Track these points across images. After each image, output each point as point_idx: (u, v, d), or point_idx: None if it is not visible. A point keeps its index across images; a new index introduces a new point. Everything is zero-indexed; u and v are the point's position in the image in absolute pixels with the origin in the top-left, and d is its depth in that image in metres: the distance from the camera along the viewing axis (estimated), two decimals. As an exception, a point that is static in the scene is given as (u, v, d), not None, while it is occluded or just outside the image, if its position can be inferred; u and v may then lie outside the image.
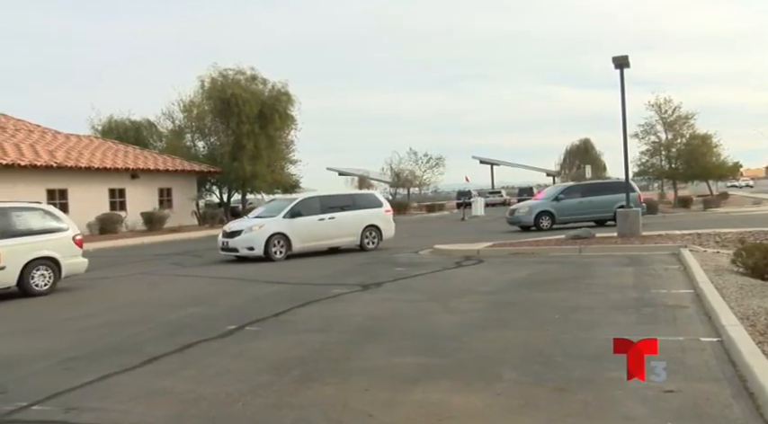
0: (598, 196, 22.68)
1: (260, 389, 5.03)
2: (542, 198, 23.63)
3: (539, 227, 21.54)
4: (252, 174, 35.87)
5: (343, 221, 16.67)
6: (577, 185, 24.05)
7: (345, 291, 10.00)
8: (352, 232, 16.82)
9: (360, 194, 19.23)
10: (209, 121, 37.57)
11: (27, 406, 4.83)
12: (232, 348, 6.55)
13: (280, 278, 12.07)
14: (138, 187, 30.53)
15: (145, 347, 6.61)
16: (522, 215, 22.35)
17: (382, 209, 17.83)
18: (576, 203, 22.42)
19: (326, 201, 17.10)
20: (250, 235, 15.50)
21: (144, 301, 10.23)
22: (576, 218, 21.95)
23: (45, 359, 6.35)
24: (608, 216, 22.20)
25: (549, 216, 21.98)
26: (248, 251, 15.33)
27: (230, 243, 15.72)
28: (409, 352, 6.09)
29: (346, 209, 16.91)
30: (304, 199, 17.05)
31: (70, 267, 11.58)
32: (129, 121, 42.02)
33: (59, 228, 11.60)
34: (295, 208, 16.16)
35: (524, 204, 24.18)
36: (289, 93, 37.50)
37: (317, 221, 16.22)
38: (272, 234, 15.45)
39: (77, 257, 11.76)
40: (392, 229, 17.95)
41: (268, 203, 18.80)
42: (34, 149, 27.85)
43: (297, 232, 15.76)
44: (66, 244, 11.54)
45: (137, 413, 4.58)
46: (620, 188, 23.55)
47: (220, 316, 8.29)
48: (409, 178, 49.93)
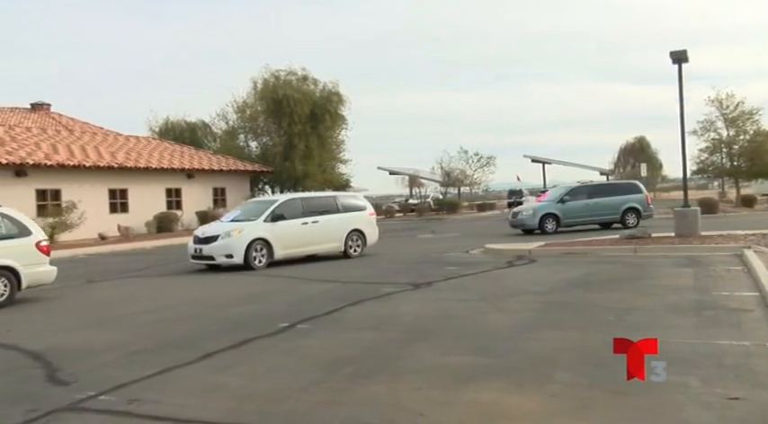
0: (605, 197, 21.68)
1: (312, 386, 5.10)
2: (546, 200, 22.59)
3: (543, 230, 20.62)
4: (303, 174, 36.34)
5: (327, 225, 15.33)
6: (583, 186, 23.03)
7: (396, 290, 10.01)
8: (337, 237, 15.53)
9: (342, 195, 17.66)
10: (261, 122, 38.25)
11: (95, 396, 5.02)
12: (284, 346, 6.65)
13: (330, 276, 12.17)
14: (193, 186, 31.30)
15: (201, 342, 6.76)
16: (526, 217, 21.38)
17: (366, 212, 16.61)
18: (582, 205, 21.42)
19: (309, 203, 15.69)
20: (228, 241, 13.91)
21: (200, 298, 10.46)
22: (581, 221, 21.26)
23: (111, 352, 6.59)
24: (615, 219, 21.57)
25: (553, 219, 20.91)
26: (226, 259, 13.83)
27: (205, 250, 14.07)
28: (461, 352, 6.06)
29: (329, 212, 15.63)
30: (286, 201, 15.45)
31: (33, 276, 10.48)
32: (185, 123, 43.20)
33: (19, 234, 10.49)
34: (277, 211, 14.66)
35: (528, 206, 23.04)
36: (339, 93, 37.87)
37: (300, 225, 14.88)
38: (253, 239, 13.97)
39: (43, 265, 10.65)
40: (376, 234, 16.63)
41: (244, 205, 17.32)
42: (98, 151, 28.91)
43: (279, 237, 14.35)
44: (27, 252, 10.40)
45: (193, 407, 4.69)
46: (628, 189, 22.82)
47: (273, 314, 8.42)
48: (460, 177, 49.61)
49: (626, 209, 21.46)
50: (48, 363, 6.20)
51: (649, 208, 22.29)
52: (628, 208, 21.50)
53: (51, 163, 24.89)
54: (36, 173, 24.38)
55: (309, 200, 15.97)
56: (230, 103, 39.50)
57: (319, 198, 16.83)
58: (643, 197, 22.25)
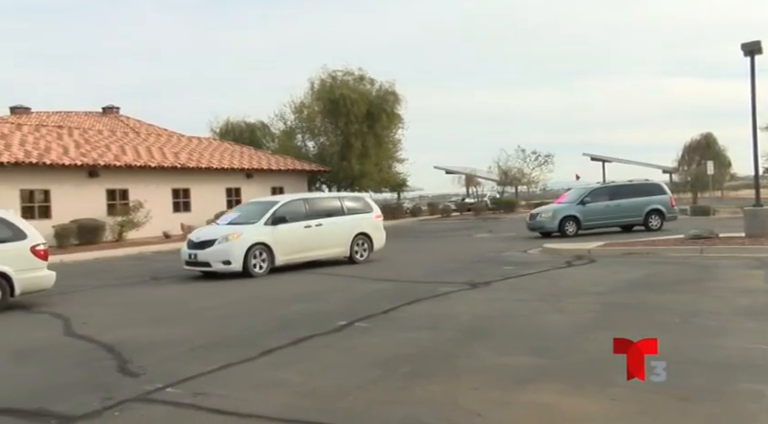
0: (627, 199, 20.83)
1: (370, 384, 5.15)
2: (566, 202, 21.65)
3: (563, 233, 19.85)
4: (360, 173, 36.59)
5: (332, 229, 14.44)
6: (604, 187, 22.06)
7: (453, 289, 9.98)
8: (342, 241, 14.62)
9: (348, 197, 16.59)
10: (318, 122, 38.68)
11: (162, 388, 5.21)
12: (342, 343, 6.73)
13: (388, 275, 12.22)
14: (252, 186, 31.95)
15: (260, 339, 6.91)
16: (546, 220, 20.51)
17: (372, 215, 15.67)
18: (603, 207, 20.60)
19: (312, 205, 14.67)
20: (226, 246, 12.85)
21: (261, 295, 10.69)
22: (602, 223, 20.51)
23: (176, 346, 6.82)
24: (637, 221, 20.72)
25: (574, 221, 20.18)
26: (223, 266, 12.78)
27: (200, 256, 13.04)
28: (519, 352, 6.00)
29: (334, 215, 14.75)
30: (288, 202, 14.34)
31: (28, 282, 9.96)
32: (245, 123, 44.19)
33: (13, 237, 9.99)
34: (278, 213, 13.63)
35: (547, 208, 21.99)
36: (396, 93, 37.94)
37: (303, 229, 13.87)
38: (253, 244, 12.95)
39: (39, 270, 10.18)
40: (383, 238, 15.73)
41: (241, 206, 16.22)
42: (162, 152, 29.89)
43: (281, 241, 13.34)
44: (21, 256, 9.87)
45: (255, 401, 4.80)
46: (651, 190, 21.68)
47: (331, 312, 8.53)
48: (517, 176, 48.95)
49: (649, 211, 20.71)
50: (119, 355, 6.47)
51: (673, 210, 21.54)
52: (651, 210, 20.74)
53: (120, 164, 25.90)
54: (106, 174, 25.41)
55: (313, 202, 14.98)
56: (288, 104, 40.14)
57: (323, 199, 16.10)
58: (667, 198, 21.44)
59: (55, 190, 23.81)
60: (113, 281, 13.33)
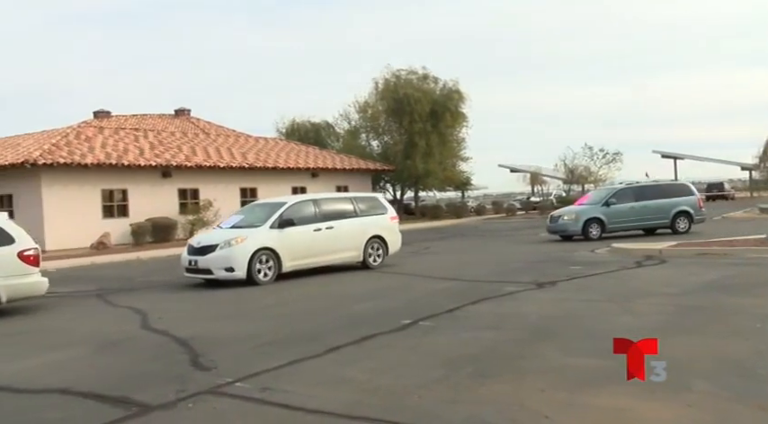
0: (653, 200, 19.66)
1: (434, 383, 5.15)
2: (588, 203, 20.49)
3: (587, 236, 18.80)
4: (424, 172, 36.61)
5: (344, 231, 13.43)
6: (629, 188, 20.82)
7: (519, 289, 9.86)
8: (354, 245, 13.61)
9: (360, 197, 15.42)
10: (382, 121, 38.92)
11: (232, 382, 5.37)
12: (407, 342, 6.75)
13: (451, 274, 12.17)
14: (317, 185, 32.43)
15: (326, 337, 7.01)
16: (569, 222, 19.40)
17: (387, 216, 14.67)
18: (628, 209, 19.41)
19: (322, 206, 13.62)
20: (228, 252, 11.90)
21: (325, 293, 10.86)
22: (627, 226, 19.43)
23: (245, 342, 7.01)
24: (664, 223, 19.59)
25: (598, 224, 19.09)
26: (226, 274, 11.83)
27: (200, 263, 12.06)
28: (587, 354, 5.87)
29: (346, 217, 13.74)
30: (296, 204, 13.34)
31: (15, 288, 9.58)
32: (310, 123, 44.93)
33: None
34: (285, 215, 12.63)
35: (569, 210, 20.77)
36: (460, 91, 37.78)
37: (312, 232, 12.90)
38: (258, 249, 11.99)
39: (28, 276, 9.74)
40: (398, 241, 14.74)
41: (247, 208, 15.05)
42: (230, 152, 30.76)
43: (288, 246, 12.39)
44: (7, 262, 9.46)
45: (321, 398, 4.88)
46: (678, 191, 20.48)
47: (395, 310, 8.57)
48: (584, 174, 47.78)
49: (677, 213, 19.57)
50: (191, 349, 6.71)
51: (702, 212, 20.33)
52: (678, 212, 19.59)
53: (191, 165, 26.82)
54: (178, 174, 26.37)
55: (323, 203, 13.84)
56: (352, 104, 40.61)
57: (334, 200, 14.92)
58: (695, 199, 20.25)
59: (132, 190, 24.91)
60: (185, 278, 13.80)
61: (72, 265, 17.94)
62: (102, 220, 23.93)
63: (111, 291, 11.68)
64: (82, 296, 11.80)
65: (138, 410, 4.78)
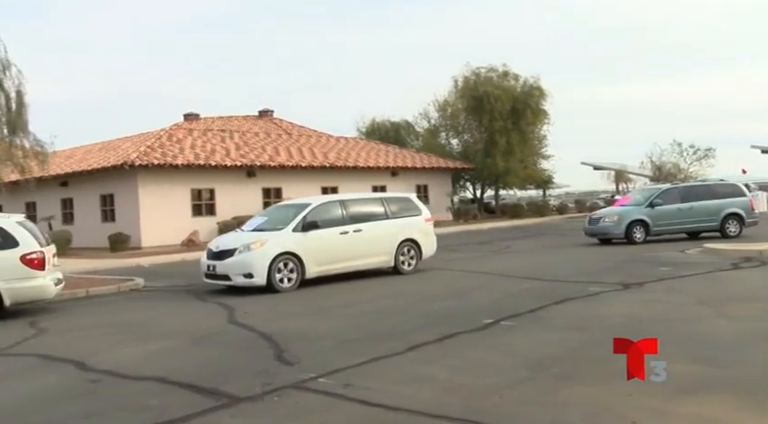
0: (701, 201, 18.08)
1: (517, 384, 5.08)
2: (630, 204, 19.00)
3: (630, 240, 17.48)
4: (504, 170, 36.11)
5: (373, 235, 12.61)
6: (675, 188, 19.01)
7: (604, 290, 9.56)
8: (385, 249, 12.78)
9: (392, 197, 14.38)
10: (462, 119, 38.67)
11: (315, 377, 5.50)
12: (488, 341, 6.69)
13: (533, 274, 11.95)
14: (397, 184, 32.57)
15: (407, 334, 7.05)
16: (610, 224, 18.01)
17: (421, 218, 13.74)
18: (675, 210, 17.86)
19: (350, 208, 12.73)
20: (247, 257, 11.19)
21: (406, 291, 10.89)
22: (673, 229, 17.97)
23: (327, 339, 7.16)
24: (712, 226, 18.02)
25: (642, 227, 17.67)
26: (244, 280, 11.11)
27: (218, 268, 11.39)
28: (678, 359, 5.60)
29: (376, 218, 12.91)
30: (321, 205, 12.50)
31: (18, 292, 9.60)
32: (390, 123, 45.20)
33: (3, 246, 9.58)
34: (309, 218, 11.87)
35: (611, 211, 19.17)
36: (541, 88, 37.00)
37: (338, 235, 12.13)
38: (279, 254, 11.23)
39: (31, 280, 9.67)
40: (433, 244, 13.85)
41: (270, 210, 14.14)
42: (312, 152, 31.41)
43: (312, 251, 11.62)
44: (8, 265, 9.45)
45: (401, 396, 4.91)
46: (728, 192, 18.66)
47: (476, 309, 8.51)
48: (672, 171, 45.65)
49: (726, 215, 18.01)
50: (275, 344, 6.92)
51: (754, 214, 18.67)
52: (729, 214, 18.03)
53: (274, 165, 27.59)
54: (262, 173, 27.19)
55: (351, 204, 12.98)
56: (432, 102, 40.57)
57: (363, 200, 13.95)
58: (746, 200, 18.61)
59: (218, 189, 25.88)
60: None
61: (164, 261, 18.82)
62: (191, 218, 25.00)
63: (200, 286, 12.17)
64: (174, 291, 12.39)
65: (227, 401, 4.99)
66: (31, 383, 6.10)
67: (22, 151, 13.82)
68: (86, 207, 26.11)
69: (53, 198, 26.63)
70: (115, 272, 15.67)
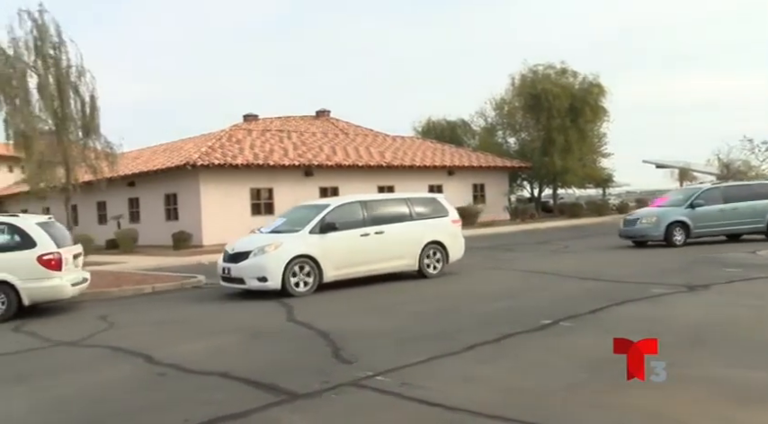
0: (745, 202, 16.89)
1: (577, 386, 5.00)
2: (668, 204, 17.85)
3: (669, 242, 16.50)
4: (562, 169, 35.50)
5: (396, 237, 12.12)
6: (716, 188, 17.75)
7: (667, 291, 9.28)
8: (408, 252, 12.31)
9: (417, 198, 13.78)
10: (519, 117, 38.21)
11: (372, 376, 5.54)
12: (547, 342, 6.60)
13: (593, 274, 11.69)
14: (453, 183, 32.48)
15: (463, 334, 7.02)
16: (648, 226, 16.97)
17: (448, 219, 13.23)
18: (717, 211, 16.86)
19: (372, 209, 12.29)
20: (261, 259, 10.92)
21: (464, 291, 10.85)
22: (714, 231, 16.86)
23: (384, 337, 7.21)
24: (757, 229, 16.87)
25: (682, 228, 16.66)
26: (259, 284, 10.86)
27: (233, 271, 11.17)
28: (750, 365, 5.40)
29: (400, 220, 12.42)
30: (340, 206, 12.05)
31: (36, 292, 9.84)
32: (446, 121, 45.07)
33: (21, 246, 9.89)
34: (327, 219, 11.51)
35: (648, 212, 17.97)
36: (600, 85, 36.21)
37: (358, 237, 11.72)
38: (294, 257, 10.92)
39: (48, 280, 9.88)
40: (461, 247, 13.27)
41: (290, 211, 13.65)
42: (368, 151, 31.61)
43: (330, 253, 11.27)
44: (25, 265, 9.73)
45: (459, 395, 4.90)
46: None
47: (534, 310, 8.40)
48: (742, 169, 43.78)
49: None
50: (333, 342, 7.00)
51: None
52: None
53: (331, 164, 27.91)
54: (319, 173, 27.55)
55: (373, 205, 12.50)
56: (488, 101, 40.23)
57: (386, 201, 13.36)
58: None
59: (277, 189, 26.35)
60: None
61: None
62: (250, 217, 25.51)
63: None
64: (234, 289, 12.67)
65: (286, 398, 5.08)
66: (103, 374, 6.39)
67: (94, 153, 14.48)
68: (151, 206, 27.05)
69: (121, 197, 27.70)
70: (178, 269, 16.18)
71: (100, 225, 28.52)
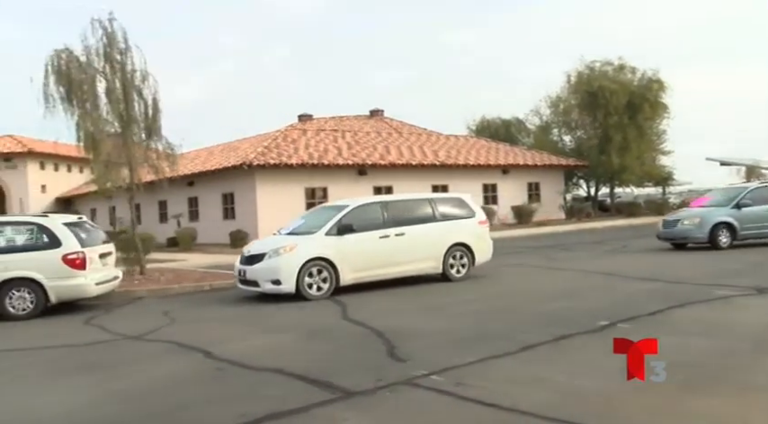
0: None
1: (638, 390, 4.84)
2: (710, 204, 16.73)
3: (714, 245, 15.47)
4: (620, 167, 34.67)
5: (418, 239, 11.76)
6: (765, 187, 16.43)
7: (734, 294, 8.93)
8: (431, 254, 11.91)
9: (441, 198, 13.40)
10: (575, 115, 37.49)
11: (427, 374, 5.53)
12: (605, 344, 6.37)
13: (652, 274, 11.36)
14: (508, 182, 32.13)
15: (519, 335, 6.93)
16: (690, 227, 15.93)
17: (475, 220, 12.73)
18: (764, 212, 15.77)
19: (393, 210, 11.95)
20: (274, 262, 10.71)
21: (519, 291, 10.72)
22: (763, 233, 15.69)
23: (438, 336, 7.20)
24: None
25: (728, 230, 15.65)
26: (273, 287, 10.64)
27: (248, 274, 10.97)
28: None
29: (422, 221, 12.03)
30: (358, 207, 11.70)
31: (61, 290, 10.19)
32: (500, 120, 44.65)
33: (48, 245, 10.22)
34: (344, 221, 11.23)
35: (691, 213, 16.82)
36: (660, 80, 35.17)
37: (377, 239, 11.40)
38: (309, 259, 10.68)
39: (72, 279, 10.21)
40: (488, 249, 12.78)
41: (310, 212, 13.42)
42: (422, 150, 31.58)
43: (348, 256, 10.99)
44: (51, 264, 10.10)
45: (515, 396, 4.84)
46: None
47: (591, 310, 8.22)
48: (816, 166, 41.77)
49: None
50: (387, 341, 7.03)
51: None
52: None
53: (385, 163, 28.02)
54: (373, 172, 27.70)
55: (394, 206, 12.17)
56: (544, 99, 39.57)
57: (408, 202, 12.85)
58: None
59: (331, 188, 26.61)
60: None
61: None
62: (305, 216, 25.88)
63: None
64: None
65: (341, 395, 5.13)
66: (165, 367, 6.60)
67: (155, 153, 14.94)
68: (210, 205, 27.74)
69: (181, 196, 28.50)
70: (236, 267, 16.50)
71: (161, 224, 29.43)
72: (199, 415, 4.97)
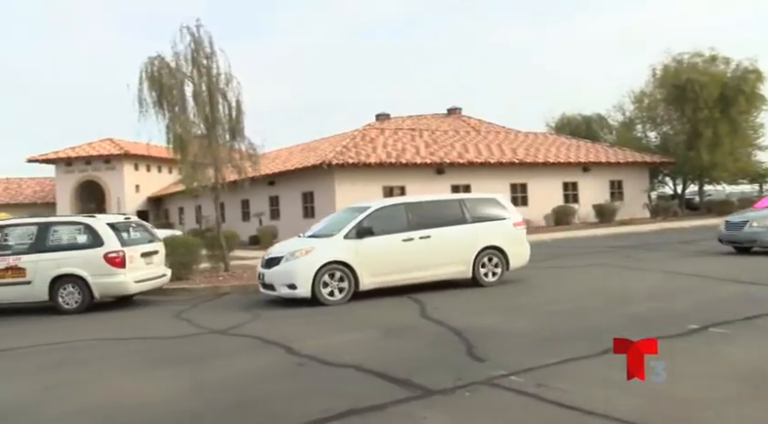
0: None
1: (732, 399, 4.65)
2: None
3: None
4: (710, 164, 32.99)
5: (445, 241, 11.20)
6: None
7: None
8: (460, 258, 11.33)
9: (472, 199, 12.67)
10: (661, 110, 36.02)
11: (506, 375, 5.48)
12: (696, 349, 6.19)
13: (745, 277, 10.77)
14: (588, 180, 31.25)
15: (602, 336, 6.71)
16: (760, 230, 14.45)
17: (509, 222, 12.06)
18: None
19: (417, 211, 11.40)
20: (291, 266, 10.43)
21: (601, 291, 10.42)
22: None
23: (518, 337, 7.12)
24: None
25: None
26: (288, 291, 10.39)
27: (266, 277, 10.78)
28: None
29: (450, 223, 11.41)
30: (380, 209, 11.24)
31: (104, 286, 10.89)
32: (580, 116, 43.43)
33: (92, 244, 10.92)
34: (365, 223, 10.79)
35: (759, 214, 15.14)
36: (758, 70, 33.24)
37: (400, 243, 10.90)
38: (326, 263, 10.35)
39: (113, 276, 10.86)
40: (525, 253, 12.15)
41: (335, 214, 13.10)
42: (500, 148, 31.18)
43: (367, 259, 10.58)
44: (94, 262, 10.81)
45: (597, 400, 4.73)
46: None
47: (680, 313, 7.89)
48: None
49: None
50: (466, 340, 7.00)
51: None
52: None
53: (463, 162, 27.85)
54: (451, 171, 27.61)
55: (419, 207, 11.58)
56: (627, 94, 38.20)
57: (435, 203, 12.16)
58: None
59: (409, 187, 26.70)
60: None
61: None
62: (383, 215, 26.08)
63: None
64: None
65: (420, 393, 5.16)
66: (248, 361, 6.83)
67: (239, 154, 15.44)
68: (290, 204, 28.44)
69: (263, 195, 29.36)
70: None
71: (243, 222, 30.41)
72: (286, 408, 5.10)
